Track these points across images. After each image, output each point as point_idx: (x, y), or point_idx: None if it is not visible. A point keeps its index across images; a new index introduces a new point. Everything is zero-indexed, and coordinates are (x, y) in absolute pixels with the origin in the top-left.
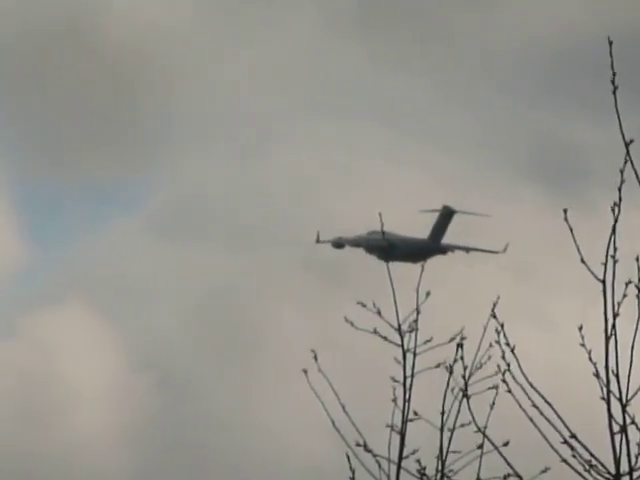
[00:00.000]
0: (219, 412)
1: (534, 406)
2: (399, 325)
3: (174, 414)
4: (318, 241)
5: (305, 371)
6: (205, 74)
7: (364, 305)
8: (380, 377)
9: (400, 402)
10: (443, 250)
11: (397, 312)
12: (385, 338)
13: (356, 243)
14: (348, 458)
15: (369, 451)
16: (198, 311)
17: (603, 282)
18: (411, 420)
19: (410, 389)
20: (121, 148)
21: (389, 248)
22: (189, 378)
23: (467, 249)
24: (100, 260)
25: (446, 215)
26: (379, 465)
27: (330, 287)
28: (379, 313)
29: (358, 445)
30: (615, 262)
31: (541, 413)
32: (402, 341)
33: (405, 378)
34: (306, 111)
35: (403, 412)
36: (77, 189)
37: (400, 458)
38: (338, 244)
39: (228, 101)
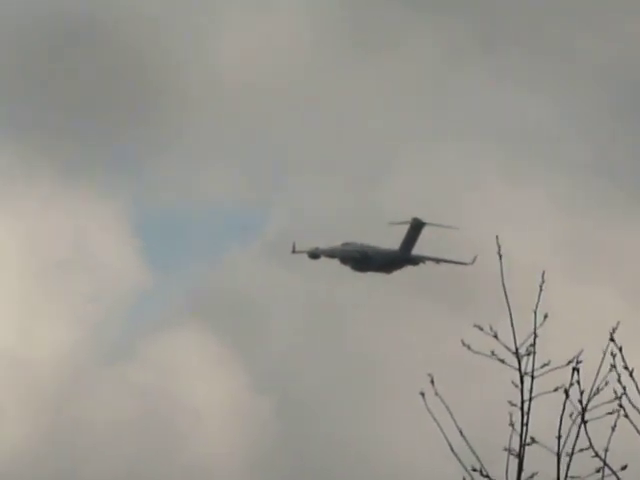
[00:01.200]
0: (338, 434)
1: None
2: (516, 348)
3: (294, 436)
4: (294, 251)
5: (422, 394)
6: (325, 99)
7: (481, 328)
8: (497, 401)
9: (518, 426)
10: (414, 261)
11: (514, 335)
12: (502, 361)
13: (331, 254)
14: None
15: (486, 476)
16: (317, 334)
17: None
18: (529, 444)
19: (528, 413)
20: (240, 173)
21: (362, 259)
22: (309, 401)
23: (437, 260)
24: (220, 284)
25: (416, 227)
26: None
27: (447, 310)
28: (496, 336)
29: (474, 470)
30: None
31: None
32: (519, 364)
33: (523, 402)
34: (427, 133)
35: (521, 436)
36: (197, 213)
37: None
38: (314, 255)
39: (347, 125)
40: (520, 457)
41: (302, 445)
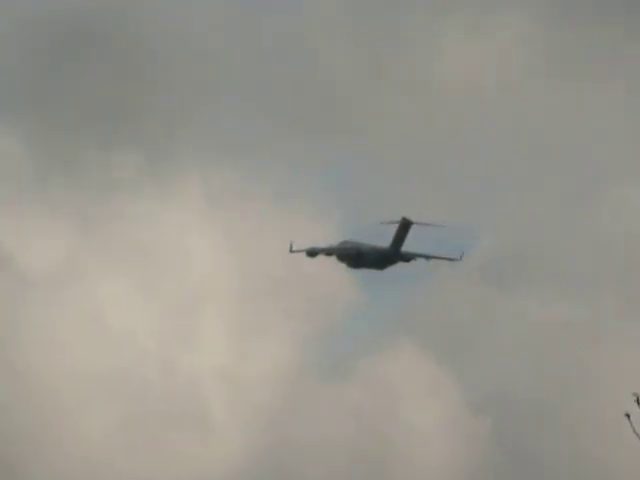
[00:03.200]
0: (546, 451)
1: None
2: None
3: (508, 457)
4: (291, 251)
5: (628, 415)
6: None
7: None
8: None
9: None
10: (406, 258)
11: None
12: None
13: (328, 252)
14: None
15: None
16: (532, 355)
17: None
18: None
19: None
20: (449, 194)
21: (357, 256)
22: (525, 423)
23: (427, 257)
24: (432, 305)
25: (404, 226)
26: None
27: None
28: None
29: None
30: None
31: None
32: None
33: None
34: None
35: None
36: None
37: None
38: (312, 253)
39: (563, 140)
40: None
41: (512, 466)
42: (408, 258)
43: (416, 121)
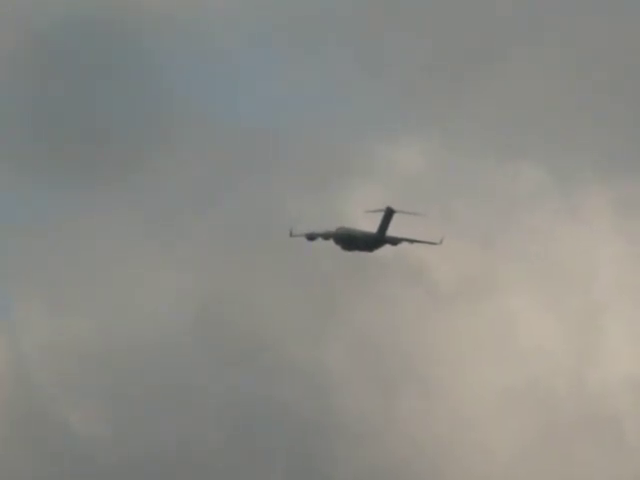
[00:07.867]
0: None
1: None
2: None
3: None
4: (291, 235)
5: None
6: None
7: None
8: None
9: None
10: (392, 241)
11: None
12: None
13: (325, 237)
14: None
15: None
16: None
17: None
18: None
19: None
20: None
21: (350, 240)
22: None
23: (411, 240)
24: None
25: (388, 214)
26: None
27: None
28: None
29: None
30: None
31: None
32: None
33: None
34: None
35: None
36: None
37: None
38: (311, 237)
39: None
40: None
41: None
42: (394, 242)
43: None
